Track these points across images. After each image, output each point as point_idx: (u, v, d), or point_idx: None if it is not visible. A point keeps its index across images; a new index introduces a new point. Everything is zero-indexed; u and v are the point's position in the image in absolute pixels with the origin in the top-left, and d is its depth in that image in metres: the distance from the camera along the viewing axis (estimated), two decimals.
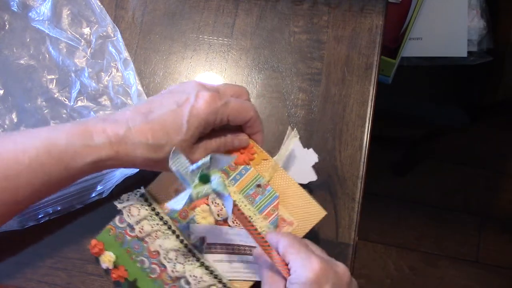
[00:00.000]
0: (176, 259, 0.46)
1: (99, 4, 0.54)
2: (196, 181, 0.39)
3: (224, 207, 0.44)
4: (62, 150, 0.39)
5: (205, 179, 0.39)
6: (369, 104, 0.53)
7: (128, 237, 0.47)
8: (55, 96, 0.53)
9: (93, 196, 0.50)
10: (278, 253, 0.40)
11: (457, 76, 0.95)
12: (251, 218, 0.45)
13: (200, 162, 0.39)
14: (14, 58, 0.54)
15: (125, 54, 0.53)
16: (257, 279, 0.45)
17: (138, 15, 0.57)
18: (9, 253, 0.50)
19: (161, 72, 0.55)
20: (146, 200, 0.47)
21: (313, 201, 0.45)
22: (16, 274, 0.50)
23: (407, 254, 1.31)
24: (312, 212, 0.45)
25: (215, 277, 0.46)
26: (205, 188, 0.39)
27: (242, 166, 0.47)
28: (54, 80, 0.54)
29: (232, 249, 0.46)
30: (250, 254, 0.46)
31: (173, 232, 0.47)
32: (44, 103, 0.53)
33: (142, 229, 0.46)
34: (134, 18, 0.57)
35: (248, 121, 0.45)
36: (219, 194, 0.40)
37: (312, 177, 0.47)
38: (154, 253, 0.46)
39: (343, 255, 0.50)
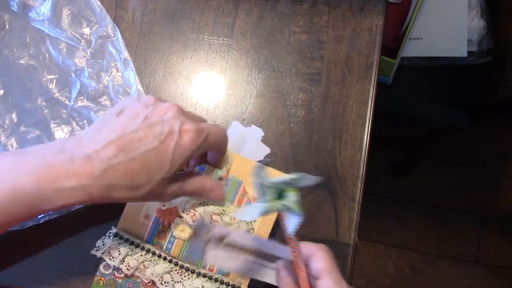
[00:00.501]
0: (172, 280, 0.46)
1: (99, 4, 0.54)
2: (273, 195, 0.39)
3: (286, 224, 0.40)
4: (29, 196, 0.36)
5: (280, 195, 0.39)
6: (369, 104, 0.53)
7: (119, 280, 0.47)
8: (55, 96, 0.53)
9: None
10: (306, 266, 0.40)
11: (457, 76, 0.95)
12: (225, 211, 0.46)
13: (287, 178, 0.38)
14: (14, 58, 0.54)
15: (125, 54, 0.53)
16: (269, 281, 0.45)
17: (138, 15, 0.57)
18: (9, 253, 0.50)
19: (161, 72, 0.55)
20: (121, 237, 0.47)
21: (276, 171, 0.47)
22: (16, 274, 0.50)
23: (407, 254, 1.31)
24: None
25: (216, 280, 0.46)
26: (279, 203, 0.39)
27: (197, 167, 0.47)
28: (54, 80, 0.54)
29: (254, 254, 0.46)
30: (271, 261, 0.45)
31: (159, 256, 0.47)
32: (44, 103, 0.53)
33: (128, 265, 0.46)
34: (134, 18, 0.57)
35: (220, 149, 0.45)
36: (288, 211, 0.39)
37: (265, 150, 0.48)
38: (149, 284, 0.46)
39: (343, 255, 0.50)
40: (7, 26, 0.55)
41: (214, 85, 0.55)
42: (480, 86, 0.95)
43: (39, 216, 0.49)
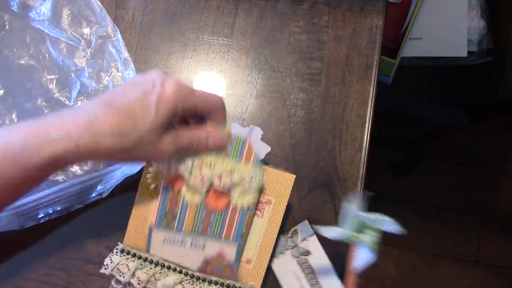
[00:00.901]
0: None
1: (99, 4, 0.54)
2: (355, 227, 0.42)
3: (355, 257, 0.42)
4: (17, 151, 0.37)
5: (361, 229, 0.42)
6: (369, 104, 0.53)
7: None
8: (55, 96, 0.53)
9: (93, 196, 0.50)
10: None
11: (457, 76, 0.95)
12: (233, 171, 0.45)
13: (373, 216, 0.41)
14: (14, 58, 0.54)
15: (125, 54, 0.53)
16: None
17: (138, 15, 0.57)
18: (9, 253, 0.50)
19: None
20: (128, 253, 0.47)
21: (278, 171, 0.47)
22: (16, 274, 0.50)
23: (407, 254, 1.31)
24: (283, 182, 0.47)
25: (228, 286, 0.46)
26: (357, 236, 0.41)
27: None
28: (54, 80, 0.54)
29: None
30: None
31: (169, 267, 0.47)
32: (44, 103, 0.53)
33: (139, 280, 0.46)
34: (134, 18, 0.57)
35: (216, 109, 0.44)
36: (362, 246, 0.42)
37: (266, 149, 0.48)
38: None
39: (343, 255, 0.49)
40: (7, 26, 0.55)
41: (214, 85, 0.55)
42: (480, 86, 0.95)
43: (39, 216, 0.49)
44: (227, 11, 0.56)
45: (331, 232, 0.42)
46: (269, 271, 0.49)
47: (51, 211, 0.49)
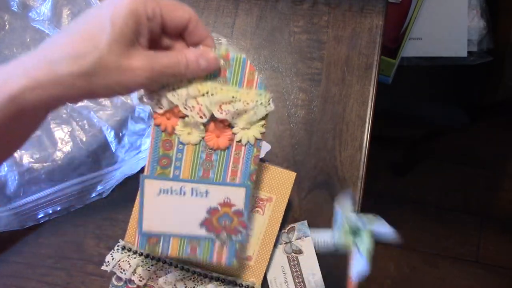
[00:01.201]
0: (185, 286, 0.46)
1: (99, 4, 0.54)
2: (348, 229, 0.39)
3: (352, 265, 0.40)
4: None
5: (356, 233, 0.39)
6: (369, 104, 0.53)
7: None
8: None
9: (93, 196, 0.50)
10: None
11: (457, 76, 0.95)
12: (235, 98, 0.39)
13: (365, 218, 0.39)
14: (14, 58, 0.54)
15: None
16: None
17: None
18: (9, 253, 0.50)
19: None
20: (129, 249, 0.47)
21: (279, 169, 0.46)
22: (16, 274, 0.50)
23: (407, 254, 1.31)
24: (284, 179, 0.47)
25: (229, 282, 0.46)
26: (352, 239, 0.39)
27: None
28: None
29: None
30: None
31: (170, 264, 0.47)
32: None
33: (140, 276, 0.46)
34: None
35: (188, 22, 0.37)
36: (358, 252, 0.39)
37: (266, 147, 0.47)
38: None
39: (343, 255, 0.49)
40: (7, 26, 0.55)
41: None
42: (480, 86, 0.95)
43: (39, 216, 0.49)
44: (227, 11, 0.56)
45: (322, 235, 0.40)
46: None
47: (51, 211, 0.49)
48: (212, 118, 0.39)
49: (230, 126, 0.39)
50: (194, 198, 0.40)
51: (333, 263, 0.49)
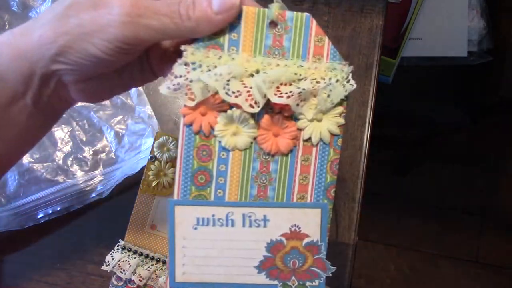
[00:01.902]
0: None
1: None
2: None
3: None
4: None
5: None
6: (369, 104, 0.53)
7: None
8: None
9: (93, 196, 0.49)
10: None
11: (457, 76, 0.95)
12: (298, 75, 0.27)
13: None
14: None
15: None
16: None
17: None
18: (9, 253, 0.50)
19: None
20: (129, 250, 0.47)
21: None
22: (17, 274, 0.50)
23: (407, 254, 1.31)
24: None
25: None
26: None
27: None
28: None
29: None
30: None
31: None
32: None
33: (140, 276, 0.46)
34: None
35: None
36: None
37: None
38: None
39: (343, 255, 0.50)
40: (7, 26, 0.55)
41: None
42: (480, 86, 0.95)
43: (39, 216, 0.49)
44: None
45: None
46: None
47: (51, 211, 0.49)
48: (266, 108, 0.28)
49: (293, 118, 0.28)
50: (247, 229, 0.28)
51: (333, 263, 0.48)
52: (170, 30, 0.26)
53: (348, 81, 0.28)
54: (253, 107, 0.27)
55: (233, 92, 0.27)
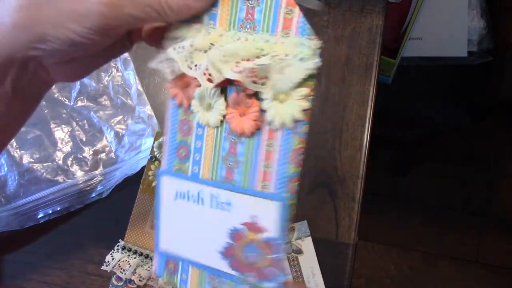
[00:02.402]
0: None
1: None
2: None
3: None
4: None
5: None
6: (369, 104, 0.53)
7: None
8: (55, 96, 0.53)
9: (93, 196, 0.49)
10: None
11: (457, 76, 0.95)
12: (263, 51, 0.25)
13: None
14: None
15: (125, 54, 0.53)
16: None
17: None
18: (9, 253, 0.50)
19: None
20: (129, 250, 0.47)
21: None
22: (16, 274, 0.50)
23: (407, 254, 1.31)
24: None
25: None
26: None
27: None
28: None
29: None
30: None
31: None
32: (44, 103, 0.53)
33: (140, 276, 0.46)
34: None
35: None
36: None
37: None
38: None
39: (343, 255, 0.50)
40: None
41: None
42: (480, 86, 0.95)
43: (39, 216, 0.49)
44: None
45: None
46: None
47: (51, 211, 0.49)
48: (237, 86, 0.26)
49: (258, 97, 0.25)
50: (213, 210, 0.27)
51: (333, 263, 0.49)
52: (152, 18, 0.26)
53: (313, 58, 0.24)
54: (211, 82, 0.26)
55: (195, 66, 0.26)
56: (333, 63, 0.54)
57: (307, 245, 0.49)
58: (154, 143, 0.48)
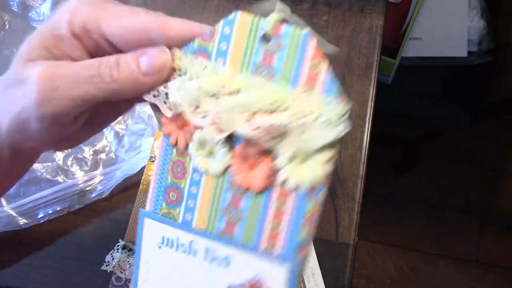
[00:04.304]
0: None
1: None
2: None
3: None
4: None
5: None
6: (369, 104, 0.53)
7: None
8: None
9: (93, 196, 0.49)
10: None
11: (457, 76, 0.95)
12: (280, 104, 0.22)
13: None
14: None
15: None
16: None
17: None
18: (9, 253, 0.50)
19: None
20: (129, 250, 0.47)
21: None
22: (16, 274, 0.50)
23: (407, 254, 1.31)
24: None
25: None
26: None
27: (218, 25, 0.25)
28: None
29: None
30: None
31: None
32: None
33: None
34: None
35: (144, 33, 0.25)
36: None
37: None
38: None
39: (343, 255, 0.50)
40: (7, 26, 0.55)
41: None
42: (480, 86, 0.95)
43: (39, 216, 0.49)
44: (227, 11, 0.56)
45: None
46: None
47: (51, 211, 0.49)
48: (242, 135, 0.23)
49: (272, 153, 0.23)
50: (208, 264, 0.24)
51: (333, 263, 0.49)
52: (93, 96, 0.23)
53: (342, 122, 0.21)
54: (219, 133, 0.23)
55: (202, 112, 0.23)
56: (333, 63, 0.54)
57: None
58: (154, 143, 0.48)
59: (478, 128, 1.18)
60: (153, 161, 0.48)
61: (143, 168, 0.49)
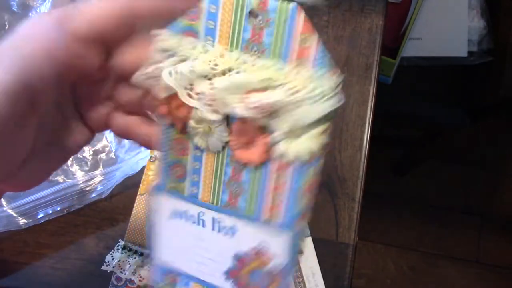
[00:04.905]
0: None
1: None
2: None
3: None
4: None
5: None
6: (369, 104, 0.53)
7: None
8: None
9: (93, 196, 0.50)
10: None
11: (457, 76, 0.95)
12: (274, 81, 0.22)
13: None
14: None
15: None
16: None
17: None
18: (9, 253, 0.50)
19: None
20: (129, 250, 0.47)
21: None
22: (16, 275, 0.50)
23: (407, 254, 1.31)
24: None
25: None
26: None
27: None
28: None
29: None
30: None
31: None
32: None
33: (140, 277, 0.46)
34: None
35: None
36: None
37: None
38: None
39: (343, 255, 0.50)
40: (7, 26, 0.55)
41: None
42: (480, 86, 0.95)
43: (39, 216, 0.49)
44: None
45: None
46: None
47: (51, 211, 0.49)
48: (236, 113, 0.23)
49: (268, 128, 0.23)
50: (216, 233, 0.26)
51: (333, 263, 0.49)
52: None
53: (335, 94, 0.22)
54: (215, 113, 0.23)
55: (197, 94, 0.23)
56: (333, 63, 0.54)
57: (307, 245, 0.49)
58: None
59: (478, 128, 1.18)
60: (153, 161, 0.48)
61: (143, 168, 0.49)
